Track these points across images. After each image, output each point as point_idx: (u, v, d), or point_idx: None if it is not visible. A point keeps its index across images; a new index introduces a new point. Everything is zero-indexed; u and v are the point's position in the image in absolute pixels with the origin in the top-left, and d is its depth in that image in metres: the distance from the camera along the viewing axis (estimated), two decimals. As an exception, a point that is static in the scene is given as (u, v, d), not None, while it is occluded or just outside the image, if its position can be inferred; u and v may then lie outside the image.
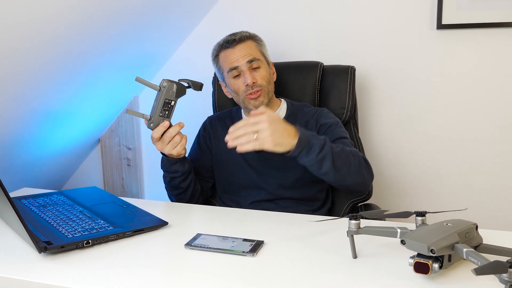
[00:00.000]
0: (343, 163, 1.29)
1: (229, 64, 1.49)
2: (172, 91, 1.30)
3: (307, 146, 1.22)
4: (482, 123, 1.86)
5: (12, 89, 1.56)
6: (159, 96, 1.30)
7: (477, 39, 1.80)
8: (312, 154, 1.23)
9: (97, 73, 1.83)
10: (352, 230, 0.96)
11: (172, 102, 1.31)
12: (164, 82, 1.30)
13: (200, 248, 1.05)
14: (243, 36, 1.50)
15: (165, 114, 1.31)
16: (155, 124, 1.31)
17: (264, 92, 1.49)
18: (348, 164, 1.30)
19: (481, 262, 0.78)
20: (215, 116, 1.68)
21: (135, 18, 1.71)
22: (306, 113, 1.55)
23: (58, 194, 1.47)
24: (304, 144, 1.22)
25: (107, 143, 2.36)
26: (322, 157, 1.24)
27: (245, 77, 1.47)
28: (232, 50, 1.49)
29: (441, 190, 1.95)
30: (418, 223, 0.99)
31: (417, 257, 0.86)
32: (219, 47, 1.52)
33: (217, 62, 1.54)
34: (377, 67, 1.93)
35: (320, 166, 1.25)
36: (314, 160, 1.24)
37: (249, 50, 1.49)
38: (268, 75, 1.51)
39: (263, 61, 1.52)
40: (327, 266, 0.96)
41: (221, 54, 1.52)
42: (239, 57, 1.48)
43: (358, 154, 1.35)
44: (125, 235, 1.12)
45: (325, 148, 1.24)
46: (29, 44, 1.43)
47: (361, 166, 1.34)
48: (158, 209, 1.35)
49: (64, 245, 1.03)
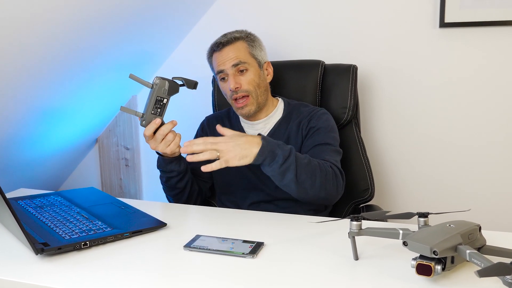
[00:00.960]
0: (308, 177, 1.26)
1: (217, 67, 1.50)
2: (164, 88, 1.31)
3: (270, 156, 1.21)
4: (486, 123, 1.86)
5: (7, 88, 1.56)
6: (151, 94, 1.31)
7: (480, 37, 1.80)
8: (274, 164, 1.22)
9: (94, 71, 1.84)
10: (353, 231, 0.96)
11: (165, 99, 1.31)
12: (156, 79, 1.31)
13: (199, 250, 1.05)
14: (232, 37, 1.50)
15: (157, 111, 1.32)
16: (147, 122, 1.31)
17: (251, 98, 1.48)
18: (313, 178, 1.27)
19: (485, 264, 0.78)
20: (213, 115, 1.68)
21: (133, 16, 1.71)
22: (301, 113, 1.54)
23: (55, 194, 1.47)
24: (266, 153, 1.21)
25: (105, 143, 2.36)
26: (285, 168, 1.23)
27: (229, 82, 1.47)
28: (219, 53, 1.49)
29: (444, 190, 1.95)
30: (420, 224, 0.99)
31: (420, 259, 0.86)
32: (211, 48, 1.54)
33: (211, 63, 1.56)
34: (379, 66, 1.93)
35: (282, 177, 1.24)
36: (277, 170, 1.23)
37: (236, 52, 1.48)
38: (257, 79, 1.49)
39: (252, 63, 1.50)
40: (328, 268, 0.96)
41: (213, 55, 1.53)
42: (225, 60, 1.48)
43: (328, 167, 1.32)
44: (123, 236, 1.12)
45: (290, 159, 1.23)
46: (25, 42, 1.43)
47: (327, 180, 1.30)
48: (157, 210, 1.35)
49: (61, 247, 1.03)
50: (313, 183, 1.27)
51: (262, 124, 1.55)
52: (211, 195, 1.68)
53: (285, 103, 1.59)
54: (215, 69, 1.52)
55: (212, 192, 1.67)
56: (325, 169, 1.31)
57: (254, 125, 1.56)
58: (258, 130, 1.55)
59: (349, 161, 1.65)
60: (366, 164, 1.68)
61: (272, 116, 1.55)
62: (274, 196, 1.49)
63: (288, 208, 1.47)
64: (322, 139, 1.45)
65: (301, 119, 1.52)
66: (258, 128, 1.55)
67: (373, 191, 1.64)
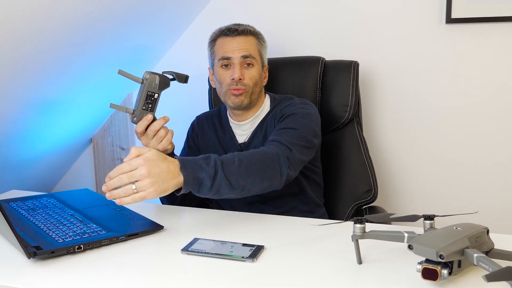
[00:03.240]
0: (244, 178, 1.18)
1: (223, 53, 1.50)
2: (155, 83, 1.31)
3: (195, 183, 1.11)
4: (495, 122, 1.86)
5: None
6: (141, 89, 1.31)
7: (489, 34, 1.80)
8: (204, 188, 1.13)
9: (89, 69, 1.83)
10: (357, 234, 0.96)
11: (156, 94, 1.31)
12: (146, 74, 1.31)
13: (197, 254, 1.05)
14: (246, 29, 1.52)
15: (148, 107, 1.32)
16: (138, 118, 1.31)
17: (247, 93, 1.49)
18: (250, 176, 1.19)
19: (493, 268, 0.78)
20: (203, 115, 1.69)
21: (129, 11, 1.71)
22: (284, 106, 1.51)
23: (48, 196, 1.47)
24: (191, 182, 1.10)
25: (100, 143, 2.36)
26: (217, 186, 1.13)
27: (234, 70, 1.48)
28: (231, 39, 1.50)
29: (450, 192, 1.95)
30: (426, 227, 0.99)
31: (425, 263, 0.86)
32: (220, 32, 1.54)
33: (213, 46, 1.55)
34: (382, 62, 1.93)
35: (219, 195, 1.16)
36: (209, 193, 1.14)
37: (247, 45, 1.50)
38: (258, 77, 1.52)
39: (258, 61, 1.52)
40: (330, 272, 0.96)
41: (219, 39, 1.53)
42: (235, 49, 1.49)
43: (266, 151, 1.25)
44: (119, 239, 1.12)
45: (218, 176, 1.13)
46: (16, 37, 1.43)
47: (268, 168, 1.23)
48: (153, 213, 1.35)
49: (54, 250, 1.03)
50: (253, 180, 1.20)
51: (249, 124, 1.57)
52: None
53: (271, 99, 1.59)
54: (218, 54, 1.52)
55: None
56: (261, 156, 1.23)
57: (241, 126, 1.57)
58: (245, 131, 1.57)
59: (351, 161, 1.65)
60: (369, 164, 1.68)
61: (258, 115, 1.57)
62: (268, 195, 1.48)
63: (283, 207, 1.49)
64: (287, 124, 1.40)
65: (283, 113, 1.48)
66: (245, 128, 1.57)
67: (376, 192, 1.64)
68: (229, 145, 1.57)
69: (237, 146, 1.56)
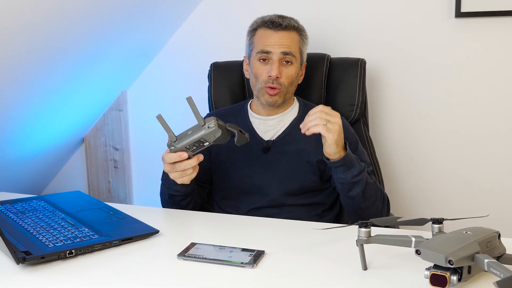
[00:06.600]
0: (370, 196, 1.40)
1: (263, 46, 1.49)
2: (214, 136, 1.25)
3: (348, 164, 1.34)
4: (508, 121, 1.85)
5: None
6: (197, 130, 1.25)
7: (500, 28, 1.80)
8: (349, 173, 1.34)
9: (81, 65, 1.83)
10: (362, 239, 0.96)
11: (206, 143, 1.27)
12: (212, 121, 1.24)
13: (195, 259, 1.05)
14: (291, 24, 1.51)
15: (192, 148, 1.27)
16: (175, 150, 1.27)
17: (282, 92, 1.50)
18: (373, 199, 1.41)
19: (504, 274, 0.78)
20: (215, 113, 1.68)
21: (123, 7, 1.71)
22: None
23: (38, 199, 1.47)
24: (348, 161, 1.33)
25: (92, 143, 2.36)
26: (356, 181, 1.35)
27: (272, 67, 1.48)
28: (273, 32, 1.50)
29: (460, 194, 1.95)
30: (434, 231, 0.99)
31: (434, 269, 0.86)
32: (262, 23, 1.53)
33: (253, 36, 1.55)
34: (389, 59, 1.93)
35: (350, 188, 1.36)
36: (349, 180, 1.35)
37: (290, 41, 1.50)
38: (295, 76, 1.52)
39: (297, 59, 1.52)
40: (334, 279, 0.96)
41: (260, 30, 1.52)
42: (276, 44, 1.48)
43: (383, 190, 1.48)
44: (112, 244, 1.12)
45: (362, 174, 1.36)
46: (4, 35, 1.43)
47: (383, 205, 1.46)
48: (148, 216, 1.34)
49: (44, 256, 1.03)
50: (372, 204, 1.41)
51: (276, 120, 1.56)
52: (208, 200, 1.67)
53: (300, 103, 1.61)
54: (257, 46, 1.51)
55: (209, 197, 1.66)
56: (382, 192, 1.47)
57: (267, 121, 1.56)
58: (270, 126, 1.55)
59: (357, 163, 1.65)
60: (375, 165, 1.68)
61: (286, 113, 1.56)
62: (278, 201, 1.49)
63: (291, 212, 1.48)
64: (361, 159, 1.46)
65: None
66: (270, 124, 1.55)
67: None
68: (248, 142, 1.53)
69: (260, 142, 1.54)
